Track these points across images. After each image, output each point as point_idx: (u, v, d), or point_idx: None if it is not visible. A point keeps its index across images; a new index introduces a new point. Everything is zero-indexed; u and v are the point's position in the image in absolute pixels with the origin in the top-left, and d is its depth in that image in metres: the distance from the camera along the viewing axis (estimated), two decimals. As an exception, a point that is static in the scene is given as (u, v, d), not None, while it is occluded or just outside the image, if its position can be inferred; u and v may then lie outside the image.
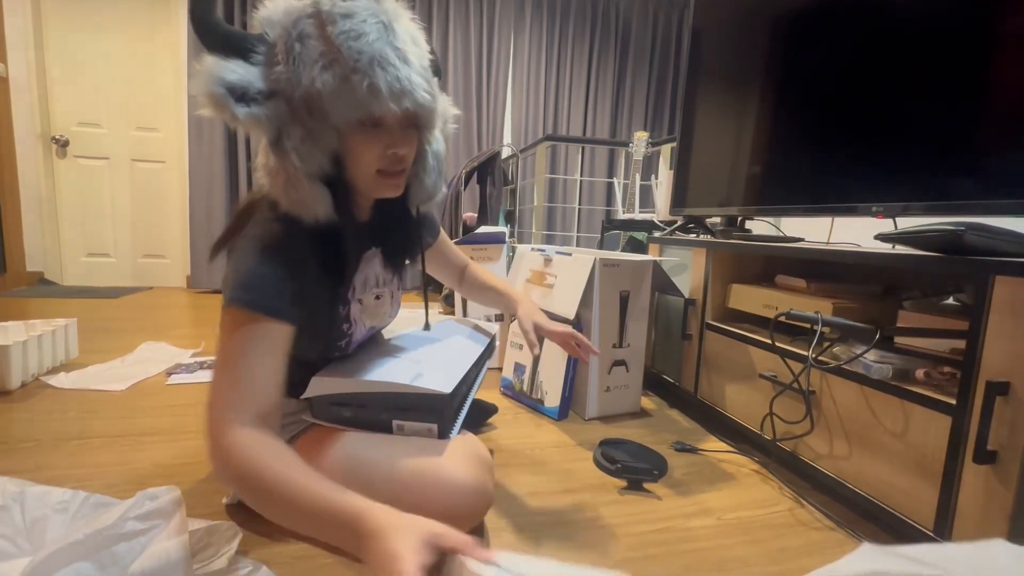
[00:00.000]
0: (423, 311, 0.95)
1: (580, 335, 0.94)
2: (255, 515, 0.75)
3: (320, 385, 0.74)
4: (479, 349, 0.93)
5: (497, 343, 1.31)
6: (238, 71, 0.57)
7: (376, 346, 0.90)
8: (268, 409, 0.58)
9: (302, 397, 0.75)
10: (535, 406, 1.31)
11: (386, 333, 0.99)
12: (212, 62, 0.57)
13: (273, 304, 0.60)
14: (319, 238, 0.66)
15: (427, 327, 0.98)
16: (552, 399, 1.27)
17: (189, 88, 0.57)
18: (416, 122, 0.66)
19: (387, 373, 0.74)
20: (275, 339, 0.61)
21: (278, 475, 0.51)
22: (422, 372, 0.74)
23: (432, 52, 0.67)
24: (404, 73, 0.60)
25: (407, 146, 0.66)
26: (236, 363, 0.58)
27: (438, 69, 0.70)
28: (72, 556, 0.51)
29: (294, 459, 0.54)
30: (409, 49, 0.61)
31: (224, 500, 0.79)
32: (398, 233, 0.79)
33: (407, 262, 0.85)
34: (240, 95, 0.57)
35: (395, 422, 0.75)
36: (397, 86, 0.59)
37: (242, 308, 0.59)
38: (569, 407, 1.29)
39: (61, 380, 1.33)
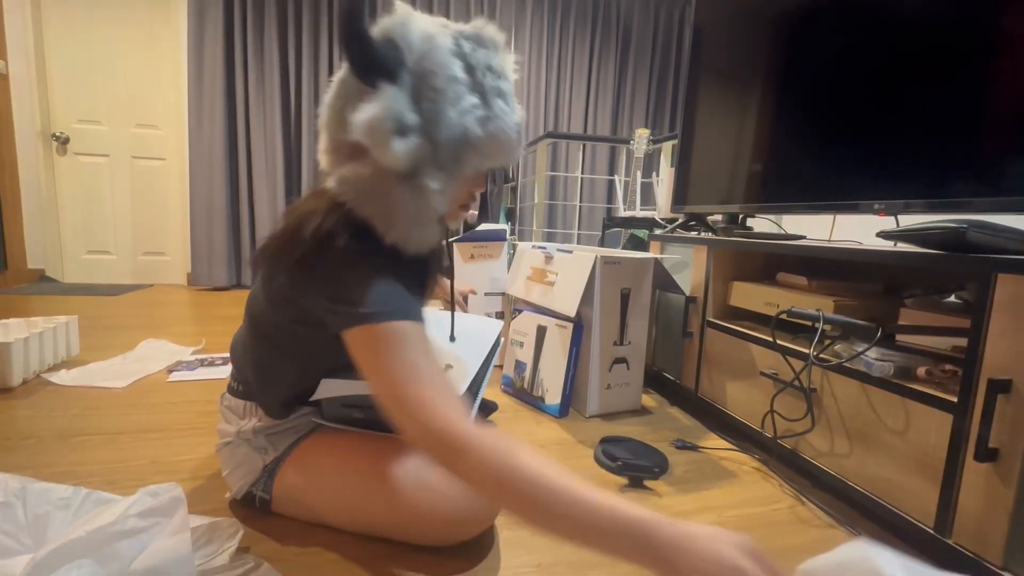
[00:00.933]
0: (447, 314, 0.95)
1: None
2: (257, 512, 0.76)
3: (331, 387, 0.73)
4: (488, 347, 0.93)
5: (502, 339, 1.31)
6: (401, 102, 0.56)
7: None
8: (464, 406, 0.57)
9: (312, 399, 0.75)
10: (536, 403, 1.31)
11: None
12: (388, 94, 0.55)
13: (412, 310, 0.60)
14: (402, 259, 0.64)
15: (452, 339, 0.97)
16: (553, 396, 1.27)
17: (352, 119, 0.59)
18: None
19: None
20: (427, 339, 0.60)
21: (541, 480, 0.49)
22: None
23: None
24: (521, 132, 0.64)
25: (484, 186, 0.71)
26: (419, 372, 0.56)
27: None
28: (74, 553, 0.51)
29: (546, 461, 0.51)
30: (517, 104, 0.65)
31: (227, 495, 0.79)
32: (439, 254, 0.81)
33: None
34: (400, 128, 0.56)
35: None
36: (519, 147, 0.64)
37: (389, 321, 0.58)
38: (570, 404, 1.29)
39: (62, 377, 1.33)
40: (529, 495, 0.49)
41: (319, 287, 0.61)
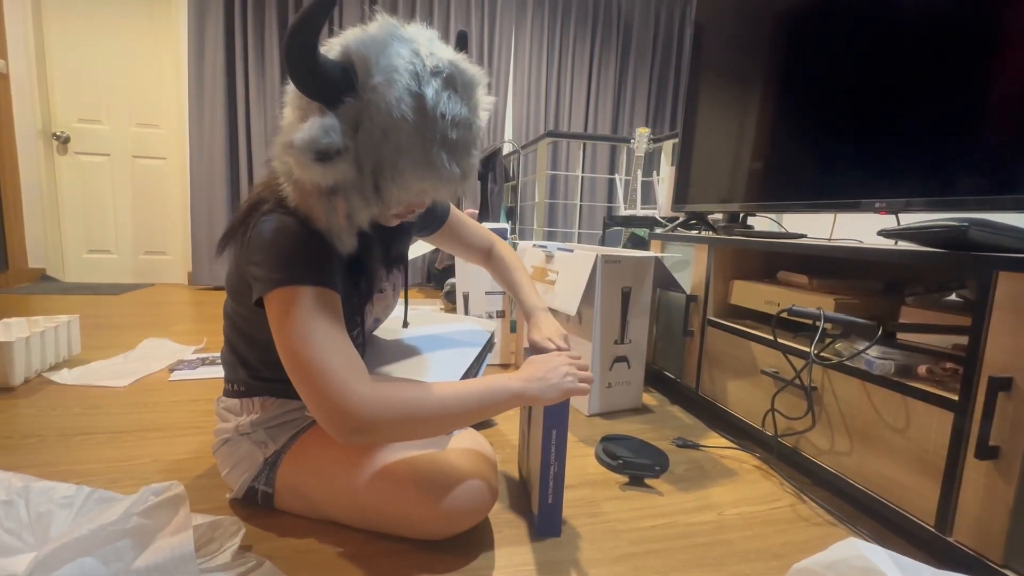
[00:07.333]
0: (420, 307, 0.96)
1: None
2: (259, 509, 0.76)
3: None
4: (479, 345, 0.94)
5: (496, 340, 1.31)
6: (331, 134, 0.54)
7: (379, 344, 0.90)
8: (364, 368, 0.62)
9: None
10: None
11: (381, 331, 0.99)
12: (312, 127, 0.54)
13: (323, 276, 0.63)
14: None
15: (405, 324, 1.02)
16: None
17: (274, 150, 0.61)
18: None
19: (391, 369, 0.75)
20: (336, 306, 0.64)
21: (433, 392, 0.62)
22: (425, 368, 0.75)
23: None
24: (470, 180, 0.64)
25: (425, 205, 0.71)
26: (322, 337, 0.60)
27: None
28: (77, 551, 0.51)
29: (423, 382, 0.64)
30: (478, 147, 0.65)
31: (228, 495, 0.79)
32: (393, 243, 0.83)
33: (400, 265, 0.86)
34: (322, 155, 0.55)
35: None
36: (459, 191, 0.65)
37: (298, 285, 0.61)
38: (570, 402, 1.29)
39: (64, 376, 1.33)
40: (422, 410, 0.60)
41: (250, 257, 0.65)
